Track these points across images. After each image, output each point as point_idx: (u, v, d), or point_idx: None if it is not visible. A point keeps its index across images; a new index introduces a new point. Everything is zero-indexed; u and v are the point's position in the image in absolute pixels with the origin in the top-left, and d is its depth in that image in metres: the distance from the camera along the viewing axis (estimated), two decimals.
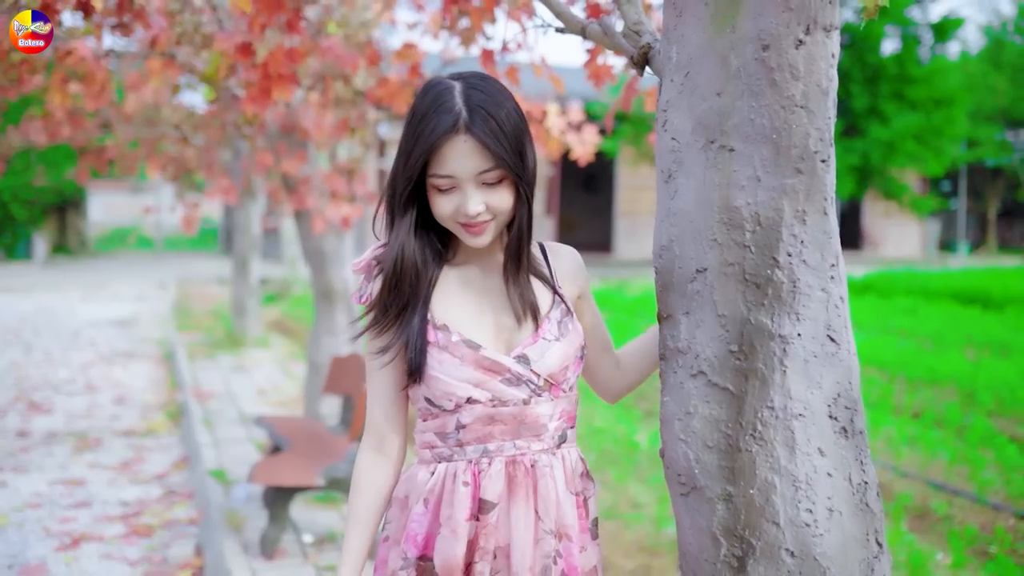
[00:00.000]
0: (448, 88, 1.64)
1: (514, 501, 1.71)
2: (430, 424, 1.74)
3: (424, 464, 1.76)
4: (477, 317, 1.74)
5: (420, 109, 1.65)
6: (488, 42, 3.96)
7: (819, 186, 1.51)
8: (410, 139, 1.65)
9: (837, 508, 1.52)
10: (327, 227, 5.59)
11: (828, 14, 1.47)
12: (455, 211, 1.66)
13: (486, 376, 1.69)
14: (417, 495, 1.74)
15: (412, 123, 1.66)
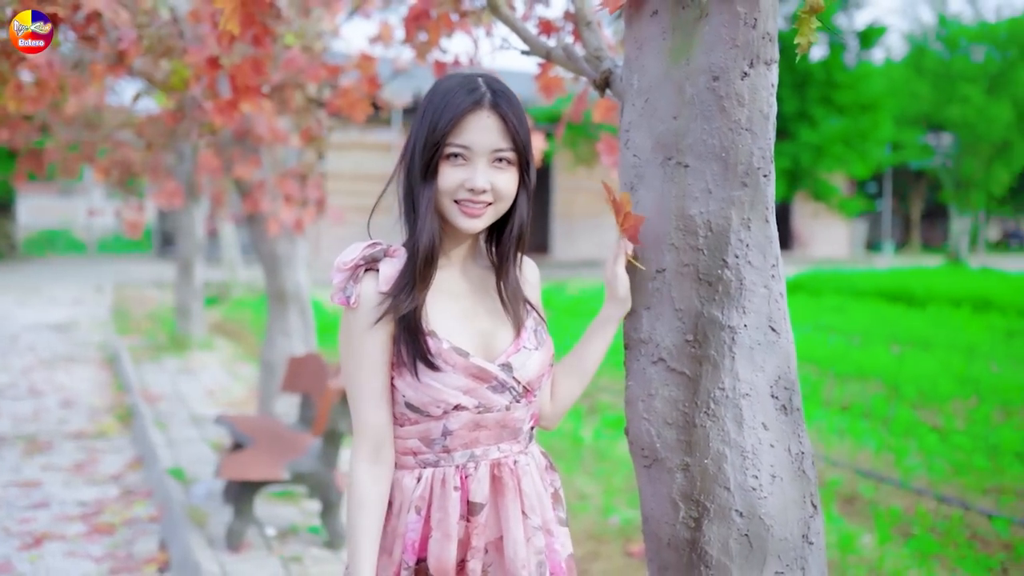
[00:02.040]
0: (471, 76, 1.71)
1: (502, 501, 1.75)
2: (412, 430, 1.74)
3: (407, 470, 1.75)
4: (461, 322, 1.75)
5: (443, 88, 1.70)
6: (443, 55, 4.16)
7: (762, 197, 1.76)
8: (435, 112, 1.67)
9: (779, 474, 1.76)
10: (281, 231, 5.73)
11: (768, 50, 1.71)
12: (460, 184, 1.68)
13: (475, 384, 1.70)
14: (407, 503, 1.74)
15: (435, 100, 1.69)
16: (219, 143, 5.59)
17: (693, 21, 1.72)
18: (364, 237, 1.80)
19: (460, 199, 1.69)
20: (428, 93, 1.72)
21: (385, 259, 1.72)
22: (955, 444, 6.27)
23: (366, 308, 1.69)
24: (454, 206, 1.70)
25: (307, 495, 5.09)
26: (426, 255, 1.68)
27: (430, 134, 1.67)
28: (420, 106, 1.73)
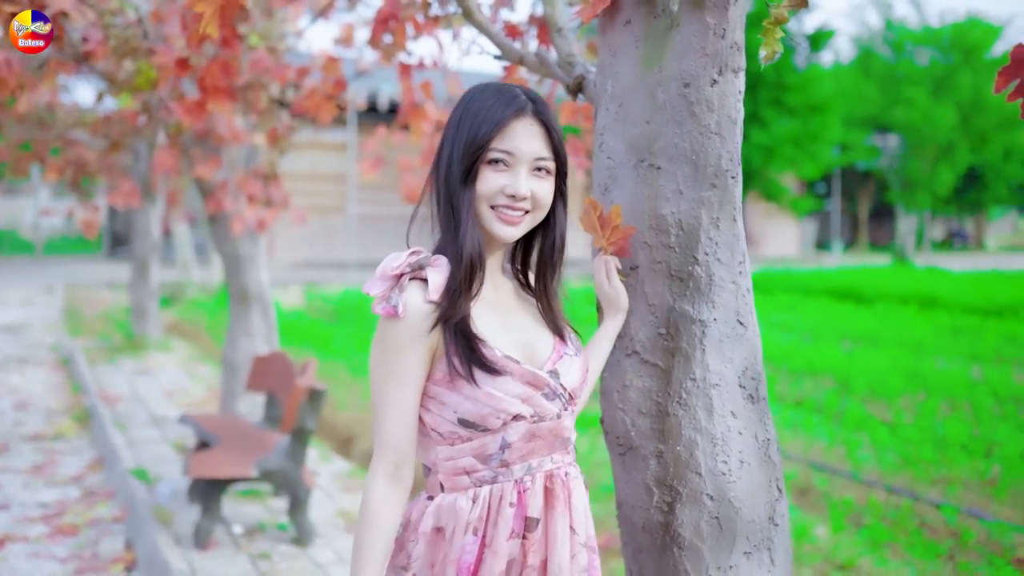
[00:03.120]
0: (507, 85, 1.70)
1: (551, 515, 1.69)
2: (464, 448, 1.66)
3: (460, 491, 1.67)
4: (503, 332, 1.70)
5: (481, 96, 1.68)
6: (408, 57, 4.22)
7: (730, 198, 1.86)
8: (476, 117, 1.65)
9: (747, 460, 1.86)
10: (244, 230, 5.75)
11: (736, 59, 1.81)
12: (500, 189, 1.65)
13: (531, 391, 1.65)
14: (462, 525, 1.65)
15: (473, 107, 1.67)
16: (182, 143, 5.59)
17: (665, 30, 1.81)
18: (319, 238, 1.78)
19: (498, 204, 1.67)
20: (464, 100, 1.70)
21: (430, 267, 1.63)
22: (904, 437, 6.46)
23: (414, 318, 1.60)
24: (491, 212, 1.67)
25: (272, 493, 5.12)
26: (471, 259, 1.64)
27: (472, 138, 1.65)
28: (455, 113, 1.70)
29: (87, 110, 7.97)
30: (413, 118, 4.66)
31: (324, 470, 5.67)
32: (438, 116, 5.31)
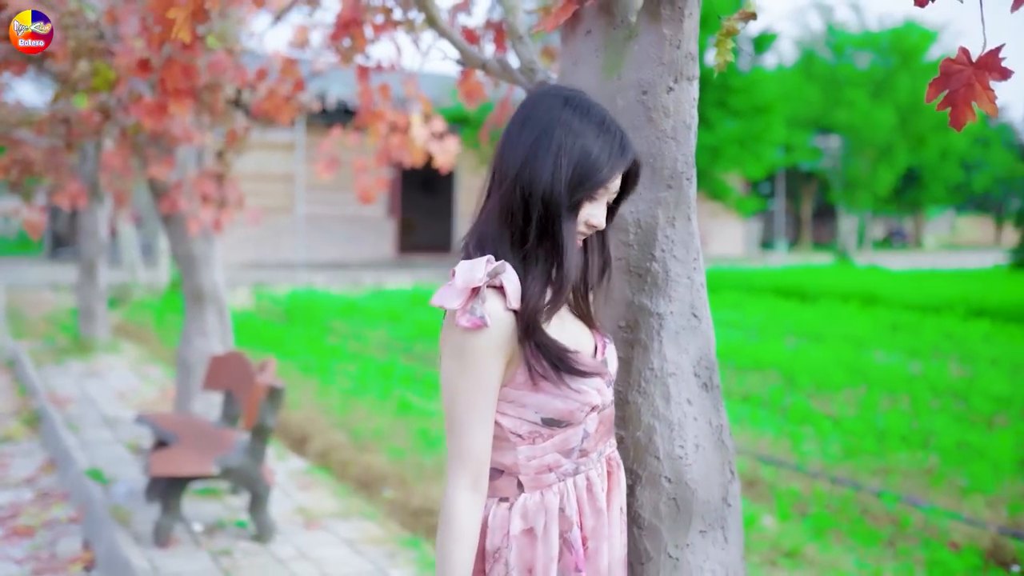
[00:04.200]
0: (603, 114, 1.69)
1: (612, 496, 1.79)
2: (547, 446, 1.68)
3: (546, 488, 1.69)
4: (560, 329, 1.72)
5: (587, 132, 1.65)
6: (366, 60, 4.29)
7: (685, 198, 1.98)
8: (589, 160, 1.63)
9: (702, 444, 1.98)
10: (200, 230, 5.76)
11: (691, 67, 1.93)
12: (586, 219, 1.68)
13: (603, 381, 1.71)
14: (554, 522, 1.69)
15: (585, 147, 1.64)
16: (134, 143, 5.59)
17: (624, 40, 1.92)
18: (267, 238, 1.74)
19: (580, 231, 1.70)
20: (556, 122, 1.65)
21: (504, 275, 1.62)
22: (847, 429, 6.68)
23: (497, 328, 1.60)
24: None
25: (231, 491, 5.15)
26: (572, 280, 1.66)
27: (587, 179, 1.63)
28: (545, 132, 1.65)
29: (32, 110, 7.88)
30: (370, 120, 4.74)
31: (280, 468, 5.71)
32: (393, 116, 5.38)
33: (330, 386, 8.17)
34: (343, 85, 17.54)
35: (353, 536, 4.55)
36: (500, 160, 1.69)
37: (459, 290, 1.58)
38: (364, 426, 6.65)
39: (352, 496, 5.27)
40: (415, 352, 10.42)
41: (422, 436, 6.40)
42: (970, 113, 1.48)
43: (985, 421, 7.01)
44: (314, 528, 4.67)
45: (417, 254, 24.28)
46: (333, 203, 21.81)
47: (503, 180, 1.67)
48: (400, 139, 5.49)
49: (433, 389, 8.15)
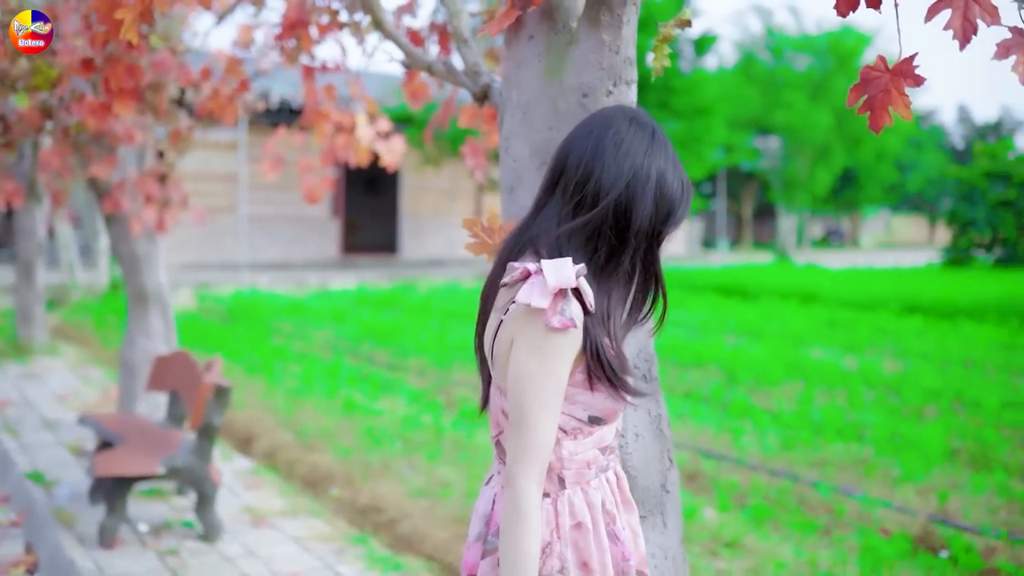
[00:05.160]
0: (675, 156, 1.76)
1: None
2: (588, 442, 1.73)
3: (586, 483, 1.74)
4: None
5: (674, 176, 1.73)
6: (311, 60, 4.32)
7: None
8: (675, 202, 1.72)
9: (641, 433, 2.07)
10: (143, 230, 5.73)
11: (629, 72, 2.01)
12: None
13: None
14: (599, 516, 1.75)
15: (674, 187, 1.72)
16: (74, 142, 5.53)
17: (565, 46, 2.00)
18: (209, 238, 1.72)
19: None
20: (658, 160, 1.71)
21: (583, 279, 1.65)
22: (785, 423, 6.86)
23: (577, 329, 1.63)
24: None
25: (176, 492, 5.14)
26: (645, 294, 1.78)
27: (672, 218, 1.73)
28: (650, 167, 1.70)
29: None
30: (316, 120, 4.76)
31: (226, 469, 5.70)
32: (338, 115, 5.41)
33: (276, 386, 8.15)
34: (286, 84, 17.44)
35: (301, 534, 4.58)
36: (585, 174, 1.70)
37: (550, 290, 1.58)
38: (310, 425, 6.66)
39: (299, 495, 5.29)
40: (361, 352, 10.42)
41: (368, 435, 6.43)
42: (887, 117, 1.58)
43: (917, 413, 7.24)
44: (261, 527, 4.68)
45: (361, 254, 24.19)
46: (276, 203, 21.64)
47: (592, 197, 1.68)
48: (346, 139, 5.52)
49: (379, 389, 8.18)
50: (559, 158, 1.73)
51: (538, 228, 1.71)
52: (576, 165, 1.70)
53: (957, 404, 7.60)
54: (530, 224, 1.74)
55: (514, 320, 1.64)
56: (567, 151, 1.72)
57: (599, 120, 1.72)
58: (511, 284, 1.66)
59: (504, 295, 1.71)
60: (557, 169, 1.73)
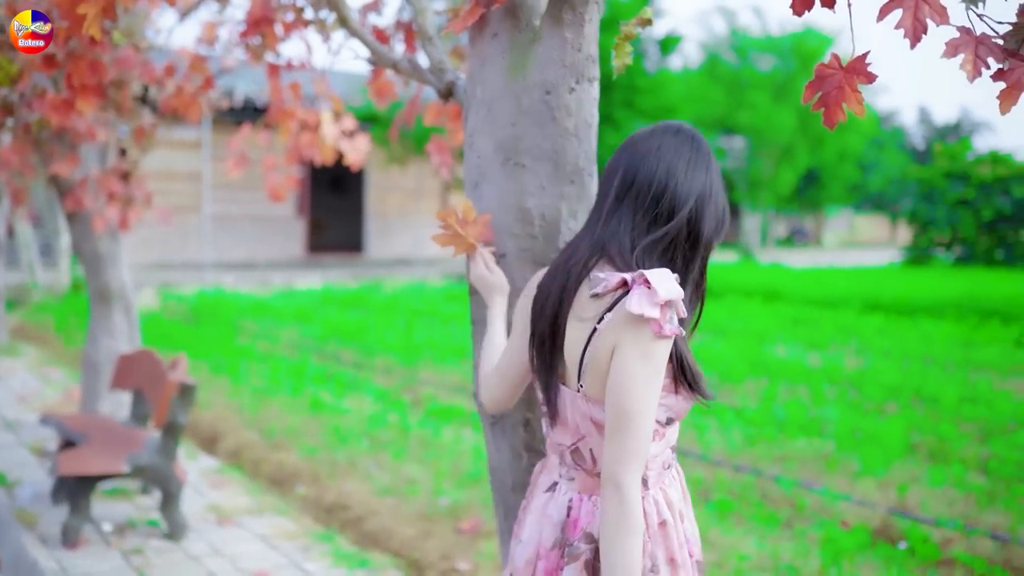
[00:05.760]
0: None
1: None
2: (663, 442, 1.80)
3: (663, 483, 1.84)
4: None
5: (723, 190, 1.85)
6: (276, 58, 4.31)
7: (587, 193, 2.09)
8: (724, 216, 1.84)
9: None
10: (105, 228, 5.68)
11: (591, 69, 2.05)
12: None
13: None
14: (676, 512, 1.83)
15: (723, 200, 1.84)
16: (36, 139, 5.48)
17: (528, 43, 2.03)
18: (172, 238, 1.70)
19: None
20: (717, 176, 1.83)
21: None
22: (748, 419, 6.94)
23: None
24: None
25: (140, 491, 5.11)
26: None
27: (724, 225, 1.84)
28: (713, 182, 1.81)
29: None
30: (281, 118, 4.76)
31: (191, 468, 5.68)
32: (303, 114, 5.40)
33: (241, 385, 8.11)
34: (250, 82, 17.33)
35: (267, 532, 4.57)
36: (659, 189, 1.77)
37: (659, 301, 1.63)
38: (276, 424, 6.64)
39: (265, 493, 5.28)
40: (327, 351, 10.39)
41: (335, 433, 6.43)
42: (841, 113, 1.63)
43: (877, 409, 7.36)
44: (227, 525, 4.67)
45: (327, 254, 24.08)
46: (241, 202, 21.48)
47: (668, 211, 1.76)
48: (310, 137, 5.51)
49: (345, 387, 8.17)
50: (628, 172, 1.78)
51: (608, 238, 1.76)
52: (648, 180, 1.76)
53: (916, 400, 7.73)
54: (594, 234, 1.78)
55: (615, 328, 1.67)
56: (635, 165, 1.78)
57: (664, 136, 1.81)
58: (603, 294, 1.69)
59: (593, 305, 1.72)
60: (626, 182, 1.78)
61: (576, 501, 1.79)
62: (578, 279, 1.75)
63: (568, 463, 1.82)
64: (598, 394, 1.71)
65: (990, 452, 6.05)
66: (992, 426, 6.76)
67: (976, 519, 4.80)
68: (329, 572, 4.10)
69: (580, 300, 1.74)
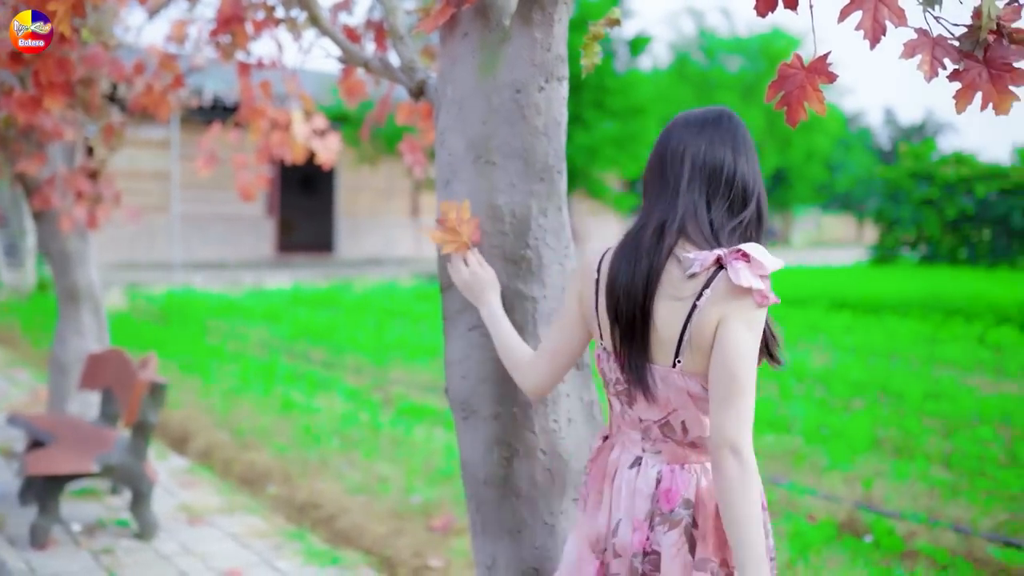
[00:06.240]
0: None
1: None
2: None
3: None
4: None
5: None
6: (247, 57, 4.31)
7: (556, 191, 2.12)
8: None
9: (574, 418, 2.13)
10: (73, 227, 5.65)
11: (560, 68, 2.08)
12: None
13: None
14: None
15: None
16: (3, 138, 5.44)
17: (498, 43, 2.06)
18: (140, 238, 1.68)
19: None
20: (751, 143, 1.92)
21: None
22: None
23: None
24: None
25: (110, 491, 5.09)
26: None
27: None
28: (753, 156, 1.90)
29: None
30: (252, 117, 4.75)
31: (161, 468, 5.66)
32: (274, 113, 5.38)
33: (211, 385, 8.08)
34: (219, 81, 17.23)
35: (238, 530, 4.57)
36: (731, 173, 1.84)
37: (764, 271, 1.75)
38: (247, 424, 6.62)
39: (236, 493, 5.27)
40: (297, 351, 10.37)
41: (306, 432, 6.42)
42: (803, 112, 1.67)
43: (844, 405, 7.46)
44: (198, 524, 4.66)
45: (297, 254, 23.98)
46: (210, 202, 21.34)
47: (742, 195, 1.86)
48: (281, 136, 5.50)
49: (316, 387, 8.16)
50: (698, 156, 1.84)
51: (687, 219, 1.82)
52: (720, 166, 1.84)
53: (882, 396, 7.84)
54: (666, 215, 1.82)
55: (719, 303, 1.75)
56: (704, 150, 1.84)
57: (726, 123, 1.87)
58: (700, 272, 1.76)
59: (689, 284, 1.78)
60: (696, 166, 1.83)
61: (666, 472, 1.84)
62: (663, 260, 1.80)
63: (655, 437, 1.86)
64: (697, 367, 1.78)
65: (953, 447, 6.15)
66: (955, 421, 6.87)
67: (939, 512, 4.89)
68: (301, 570, 4.11)
69: (671, 280, 1.79)
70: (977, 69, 1.64)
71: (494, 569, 2.16)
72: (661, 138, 1.88)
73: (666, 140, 1.86)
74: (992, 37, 1.64)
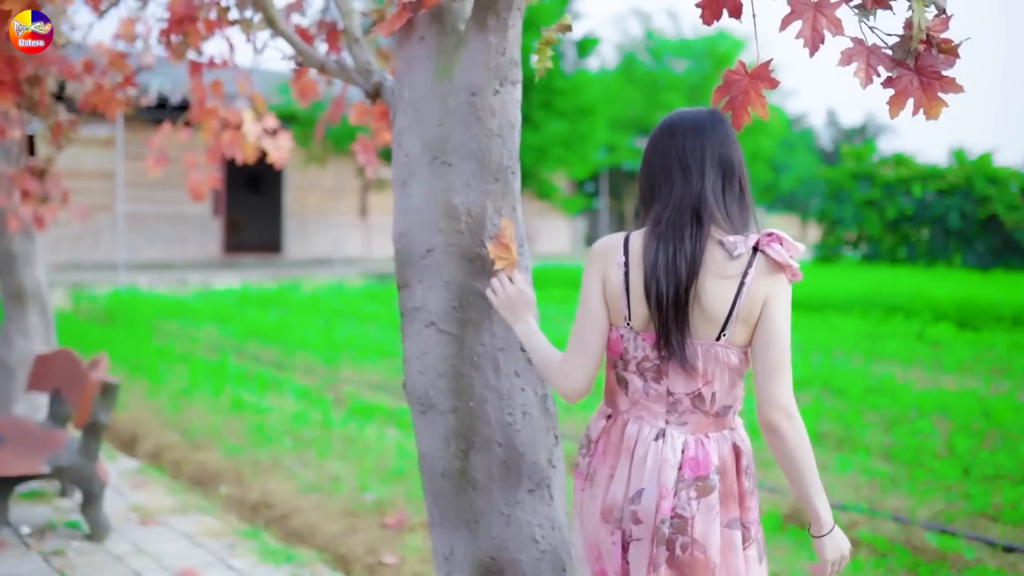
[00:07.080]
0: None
1: None
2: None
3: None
4: None
5: None
6: (198, 56, 4.30)
7: (510, 190, 2.19)
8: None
9: (529, 412, 2.20)
10: (20, 227, 5.58)
11: (514, 72, 2.14)
12: None
13: None
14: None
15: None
16: None
17: (454, 47, 2.12)
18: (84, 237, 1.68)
19: None
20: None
21: None
22: None
23: None
24: None
25: (59, 493, 5.05)
26: None
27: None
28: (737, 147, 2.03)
29: None
30: (203, 116, 4.75)
31: (111, 469, 5.62)
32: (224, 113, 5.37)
33: (160, 386, 8.02)
34: (164, 79, 17.03)
35: (191, 530, 4.57)
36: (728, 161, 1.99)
37: (797, 252, 1.94)
38: (197, 425, 6.59)
39: (188, 493, 5.26)
40: (247, 351, 10.31)
41: (257, 432, 6.41)
42: (747, 116, 1.76)
43: None
44: (150, 525, 4.65)
45: (245, 254, 23.74)
46: (155, 201, 21.06)
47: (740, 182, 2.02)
48: (232, 135, 5.48)
49: (266, 387, 8.14)
50: (715, 153, 1.98)
51: (715, 208, 1.96)
52: (730, 161, 2.00)
53: (825, 391, 8.04)
54: (697, 205, 1.95)
55: (764, 280, 1.93)
56: (720, 147, 1.98)
57: (724, 121, 1.99)
58: (744, 253, 1.93)
59: (733, 264, 1.93)
60: (716, 161, 1.98)
61: (691, 442, 1.97)
62: (704, 242, 1.93)
63: (683, 409, 1.98)
64: (739, 340, 1.95)
65: (893, 440, 6.34)
66: (895, 415, 7.07)
67: (880, 502, 5.05)
68: (256, 568, 4.12)
69: (714, 260, 1.93)
70: (909, 77, 1.74)
71: (452, 559, 2.21)
72: (666, 135, 1.99)
73: (680, 136, 1.97)
74: (923, 46, 1.73)
